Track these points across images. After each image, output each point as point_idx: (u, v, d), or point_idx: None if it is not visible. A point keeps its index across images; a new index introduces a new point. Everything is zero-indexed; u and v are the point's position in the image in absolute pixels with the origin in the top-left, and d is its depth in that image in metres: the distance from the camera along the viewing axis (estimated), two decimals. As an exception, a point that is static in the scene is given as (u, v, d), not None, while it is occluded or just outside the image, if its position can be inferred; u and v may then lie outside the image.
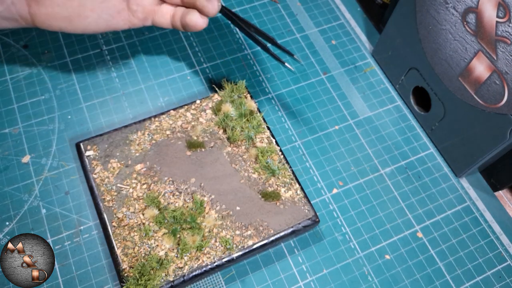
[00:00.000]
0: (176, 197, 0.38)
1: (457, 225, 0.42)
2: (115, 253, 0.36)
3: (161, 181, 0.39)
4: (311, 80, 0.49)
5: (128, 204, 0.38)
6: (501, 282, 0.39)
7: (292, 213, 0.38)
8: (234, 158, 0.41)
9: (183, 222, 0.37)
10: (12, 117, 0.44)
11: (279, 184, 0.40)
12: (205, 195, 0.39)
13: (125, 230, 0.37)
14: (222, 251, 0.36)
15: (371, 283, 0.39)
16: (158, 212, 0.37)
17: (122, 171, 0.39)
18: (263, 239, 0.37)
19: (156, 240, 0.36)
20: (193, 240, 0.36)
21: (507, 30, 0.33)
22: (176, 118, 0.42)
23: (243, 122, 0.41)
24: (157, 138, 0.41)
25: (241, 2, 0.53)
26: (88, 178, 0.39)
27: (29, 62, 0.47)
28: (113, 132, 0.41)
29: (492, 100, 0.37)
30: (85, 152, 0.40)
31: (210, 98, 0.43)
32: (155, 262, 0.35)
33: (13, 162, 0.41)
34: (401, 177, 0.44)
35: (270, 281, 0.38)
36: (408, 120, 0.47)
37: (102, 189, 0.38)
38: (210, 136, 0.42)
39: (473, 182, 0.44)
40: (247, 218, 0.38)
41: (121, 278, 0.35)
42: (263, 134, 0.42)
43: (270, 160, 0.40)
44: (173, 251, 0.36)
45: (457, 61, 0.39)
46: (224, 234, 0.37)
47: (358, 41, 0.52)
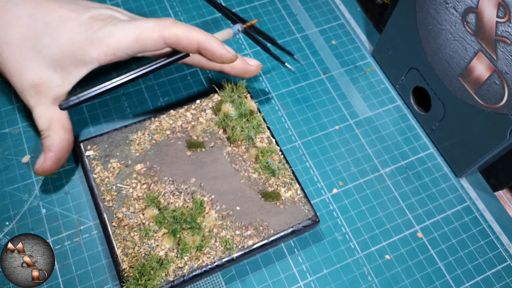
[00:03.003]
0: (176, 197, 0.38)
1: (457, 225, 0.42)
2: (115, 253, 0.36)
3: (161, 181, 0.39)
4: (311, 80, 0.49)
5: (128, 204, 0.38)
6: (501, 282, 0.39)
7: (292, 213, 0.38)
8: (234, 158, 0.41)
9: (183, 222, 0.37)
10: (12, 117, 0.44)
11: (279, 184, 0.40)
12: (205, 195, 0.39)
13: (125, 230, 0.37)
14: (222, 251, 0.36)
15: (371, 283, 0.39)
16: (158, 212, 0.37)
17: (122, 171, 0.39)
18: (263, 239, 0.37)
19: (156, 240, 0.36)
20: (193, 240, 0.36)
21: (507, 30, 0.33)
22: (176, 118, 0.42)
23: (243, 122, 0.41)
24: (157, 138, 0.41)
25: (241, 2, 0.53)
26: (88, 178, 0.39)
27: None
28: (113, 132, 0.41)
29: (492, 100, 0.37)
30: (85, 152, 0.40)
31: (210, 98, 0.43)
32: (155, 262, 0.35)
33: (13, 162, 0.41)
34: (401, 177, 0.44)
35: (270, 281, 0.38)
36: (408, 120, 0.47)
37: (102, 189, 0.38)
38: (210, 136, 0.42)
39: (473, 182, 0.44)
40: (247, 218, 0.38)
41: (121, 278, 0.35)
42: (263, 134, 0.42)
43: (270, 160, 0.40)
44: (173, 251, 0.36)
45: (457, 61, 0.39)
46: (224, 234, 0.37)
47: (358, 41, 0.52)
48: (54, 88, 0.39)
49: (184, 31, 0.38)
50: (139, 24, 0.38)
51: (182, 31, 0.38)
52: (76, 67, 0.38)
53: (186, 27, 0.39)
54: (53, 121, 0.39)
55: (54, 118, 0.39)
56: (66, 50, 0.38)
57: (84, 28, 0.38)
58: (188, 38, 0.38)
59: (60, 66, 0.38)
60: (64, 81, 0.39)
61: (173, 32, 0.38)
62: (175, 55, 0.40)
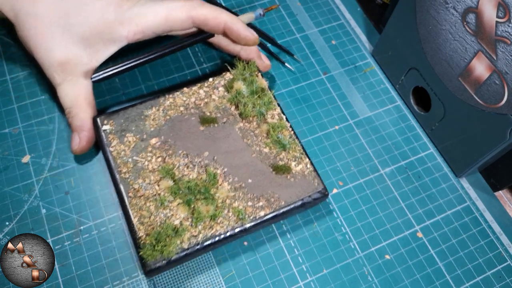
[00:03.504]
0: (190, 169, 0.39)
1: (457, 225, 0.42)
2: (132, 222, 0.37)
3: (176, 154, 0.40)
4: (311, 80, 0.49)
5: (143, 175, 0.39)
6: (501, 282, 0.39)
7: (302, 186, 0.39)
8: (246, 133, 0.42)
9: (197, 193, 0.38)
10: (12, 117, 0.44)
11: (289, 158, 0.41)
12: (218, 168, 0.40)
13: (141, 200, 0.38)
14: (235, 221, 0.37)
15: (371, 283, 0.39)
16: (173, 183, 0.38)
17: (137, 144, 0.40)
18: (274, 211, 0.38)
19: (171, 209, 0.37)
20: (207, 210, 0.37)
21: (507, 30, 0.33)
22: (190, 95, 0.43)
23: (254, 99, 0.42)
24: (171, 114, 0.42)
25: (241, 3, 0.53)
26: (105, 151, 0.40)
27: (30, 62, 0.47)
28: (129, 108, 0.42)
29: (492, 100, 0.37)
30: (101, 126, 0.41)
31: (222, 77, 0.44)
32: (171, 230, 0.36)
33: (13, 162, 0.41)
34: (401, 177, 0.44)
35: (270, 281, 0.38)
36: (408, 120, 0.47)
37: (118, 162, 0.39)
38: (223, 112, 0.43)
39: (473, 182, 0.44)
40: (259, 190, 0.39)
41: (137, 245, 0.36)
42: (274, 111, 0.43)
43: (281, 135, 0.41)
44: (187, 220, 0.37)
45: (457, 61, 0.39)
46: (236, 205, 0.38)
47: (358, 41, 0.52)
48: (82, 66, 0.40)
49: (212, 12, 0.40)
50: (167, 5, 0.39)
51: (210, 12, 0.40)
52: (105, 45, 0.39)
53: (214, 8, 0.40)
54: (78, 98, 0.40)
55: (80, 96, 0.40)
56: (95, 28, 0.39)
57: (114, 7, 0.39)
58: (216, 19, 0.40)
59: (88, 45, 0.39)
60: (92, 59, 0.40)
61: (201, 12, 0.40)
62: (201, 35, 0.42)
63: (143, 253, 0.35)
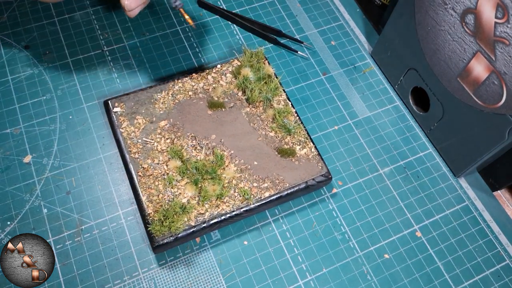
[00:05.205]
0: (198, 151, 0.41)
1: (456, 225, 0.42)
2: (141, 199, 0.38)
3: (184, 136, 0.41)
4: (311, 81, 0.49)
5: (152, 156, 0.40)
6: (499, 281, 0.40)
7: (306, 169, 0.41)
8: (252, 118, 0.43)
9: (205, 173, 0.39)
10: (13, 117, 0.44)
11: (294, 142, 0.42)
12: (225, 150, 0.41)
13: (150, 179, 0.39)
14: (240, 200, 0.39)
15: (370, 282, 0.39)
16: (181, 163, 0.39)
17: (147, 126, 0.42)
18: (279, 192, 0.39)
19: (179, 188, 0.38)
20: (214, 189, 0.38)
21: (505, 30, 0.34)
22: (198, 80, 0.45)
23: (261, 85, 0.43)
24: (180, 98, 0.43)
25: (241, 3, 0.54)
26: (115, 132, 0.41)
27: (31, 63, 0.47)
28: (139, 91, 0.43)
29: (491, 100, 0.37)
30: (113, 108, 0.42)
31: (230, 63, 0.46)
32: (179, 207, 0.37)
33: (15, 162, 0.42)
34: (400, 177, 0.44)
35: (270, 280, 0.38)
36: (407, 120, 0.48)
37: (128, 142, 0.41)
38: (230, 97, 0.44)
39: (471, 182, 0.45)
40: (264, 172, 0.40)
41: (146, 221, 0.37)
42: (279, 97, 0.44)
43: (286, 120, 0.42)
44: (195, 199, 0.38)
45: (455, 61, 0.39)
46: (242, 185, 0.39)
47: (357, 42, 0.52)
48: None
49: None
50: None
51: None
52: None
53: None
54: None
55: None
56: None
57: None
58: None
59: None
60: None
61: None
62: None
63: (152, 228, 0.36)
